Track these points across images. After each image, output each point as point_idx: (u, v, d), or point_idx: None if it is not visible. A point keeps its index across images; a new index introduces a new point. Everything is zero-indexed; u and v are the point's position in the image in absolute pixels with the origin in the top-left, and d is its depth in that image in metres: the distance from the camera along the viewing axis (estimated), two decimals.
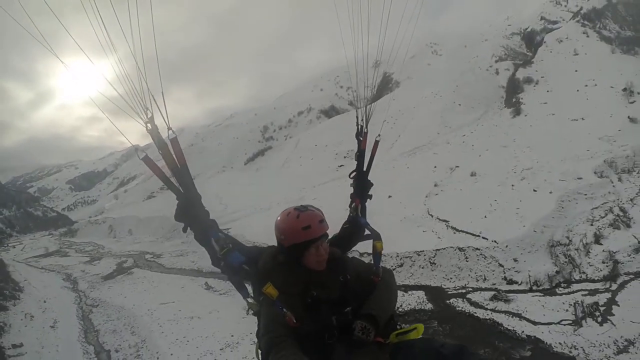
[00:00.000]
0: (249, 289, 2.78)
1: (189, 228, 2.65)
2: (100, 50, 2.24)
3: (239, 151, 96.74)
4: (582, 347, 12.80)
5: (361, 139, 3.57)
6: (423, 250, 21.30)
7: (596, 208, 22.20)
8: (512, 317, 15.19)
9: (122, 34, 2.17)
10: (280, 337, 2.34)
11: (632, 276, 16.21)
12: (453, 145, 41.77)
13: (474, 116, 49.89)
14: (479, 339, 14.18)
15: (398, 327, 2.72)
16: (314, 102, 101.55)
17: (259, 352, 2.60)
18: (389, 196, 31.64)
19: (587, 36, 56.89)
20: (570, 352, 12.70)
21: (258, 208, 43.75)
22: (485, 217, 22.73)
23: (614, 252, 17.54)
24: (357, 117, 3.60)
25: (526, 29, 70.04)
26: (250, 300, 2.71)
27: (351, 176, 3.61)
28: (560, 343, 13.14)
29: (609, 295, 15.35)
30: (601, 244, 18.56)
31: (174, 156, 2.51)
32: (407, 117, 56.85)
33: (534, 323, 14.52)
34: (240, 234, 33.88)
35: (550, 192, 23.64)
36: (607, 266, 17.08)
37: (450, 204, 26.20)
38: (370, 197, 3.60)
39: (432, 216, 25.40)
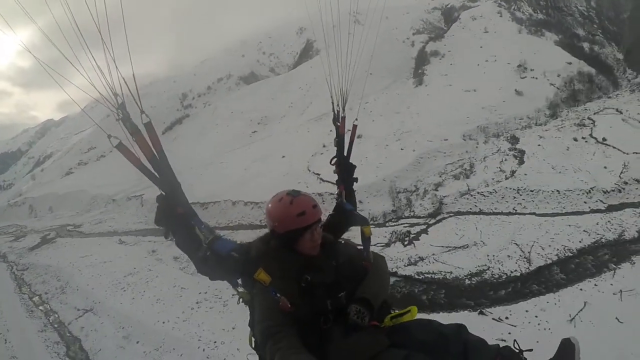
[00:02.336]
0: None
1: (170, 234, 2.66)
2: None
3: (156, 120, 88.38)
4: None
5: (339, 124, 3.57)
6: None
7: (450, 164, 25.75)
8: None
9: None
10: (276, 327, 2.37)
11: (451, 214, 19.60)
12: (354, 111, 43.72)
13: (382, 85, 53.30)
14: None
15: (392, 310, 2.82)
16: (234, 68, 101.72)
17: (253, 339, 2.73)
18: (283, 156, 34.78)
19: (501, 16, 61.83)
20: None
21: None
22: None
23: (444, 196, 20.89)
24: (332, 103, 3.51)
25: (447, 5, 74.63)
26: (240, 289, 2.74)
27: (332, 163, 3.63)
28: None
29: (424, 227, 18.57)
30: (437, 190, 21.89)
31: (149, 142, 2.49)
32: (320, 84, 59.32)
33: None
34: (150, 198, 36.01)
35: (414, 150, 27.00)
36: (433, 206, 20.40)
37: (327, 160, 28.97)
38: (356, 180, 3.63)
39: (309, 171, 28.20)
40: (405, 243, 17.02)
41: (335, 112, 3.55)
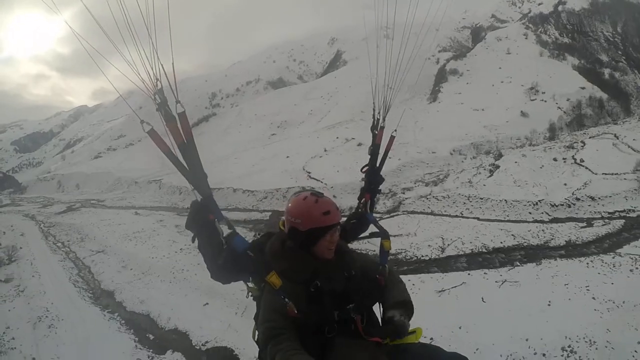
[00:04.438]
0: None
1: (196, 238, 2.75)
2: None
3: None
4: None
5: (376, 132, 3.62)
6: (280, 188, 29.39)
7: (429, 173, 30.22)
8: None
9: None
10: (279, 329, 2.46)
11: (405, 213, 24.12)
12: (366, 122, 49.39)
13: (399, 99, 57.53)
14: None
15: None
16: (263, 72, 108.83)
17: (257, 332, 2.75)
18: (287, 156, 40.26)
19: (526, 38, 65.43)
20: None
21: None
22: (337, 171, 30.59)
23: (405, 198, 25.44)
24: (373, 110, 3.55)
25: (476, 24, 78.71)
26: (250, 284, 2.83)
27: (363, 170, 3.67)
28: None
29: (380, 220, 23.15)
30: (404, 193, 26.46)
31: (181, 131, 2.59)
32: (341, 94, 64.81)
33: None
34: (169, 182, 44.64)
35: (399, 159, 31.59)
36: (393, 204, 25.03)
37: (323, 163, 34.25)
38: (380, 191, 3.72)
39: (303, 169, 33.39)
40: None
41: (375, 120, 3.63)
